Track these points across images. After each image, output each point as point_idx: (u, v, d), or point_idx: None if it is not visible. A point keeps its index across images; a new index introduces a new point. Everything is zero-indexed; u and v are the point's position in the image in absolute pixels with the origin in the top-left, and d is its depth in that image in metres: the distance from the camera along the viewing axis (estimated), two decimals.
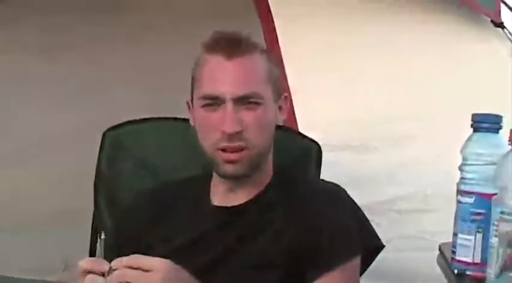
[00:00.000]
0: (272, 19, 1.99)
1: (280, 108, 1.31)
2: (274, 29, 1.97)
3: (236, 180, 1.28)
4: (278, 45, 1.98)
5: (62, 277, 1.99)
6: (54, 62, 2.13)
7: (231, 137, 1.22)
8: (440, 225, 1.63)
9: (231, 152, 1.23)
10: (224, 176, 1.28)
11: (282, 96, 1.31)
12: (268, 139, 1.27)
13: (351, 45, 2.05)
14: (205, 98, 1.25)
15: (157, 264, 1.05)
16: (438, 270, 1.39)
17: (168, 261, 1.06)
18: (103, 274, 1.04)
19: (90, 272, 1.05)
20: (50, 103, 2.13)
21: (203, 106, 1.25)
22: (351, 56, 2.05)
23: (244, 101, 1.23)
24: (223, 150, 1.23)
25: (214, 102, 1.24)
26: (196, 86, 1.28)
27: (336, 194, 1.29)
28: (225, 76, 1.23)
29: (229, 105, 1.22)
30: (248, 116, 1.23)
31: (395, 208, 2.01)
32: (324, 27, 2.05)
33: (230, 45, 1.24)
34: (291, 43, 2.00)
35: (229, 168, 1.25)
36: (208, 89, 1.24)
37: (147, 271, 1.04)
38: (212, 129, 1.24)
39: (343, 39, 2.05)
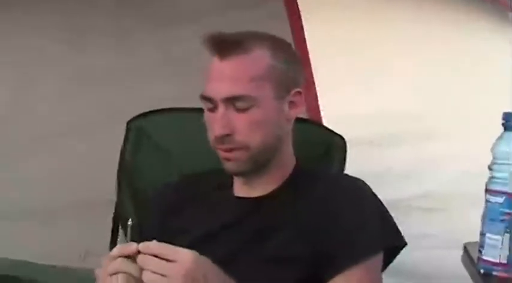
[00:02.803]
0: (298, 10, 1.97)
1: (291, 103, 1.28)
2: (301, 20, 1.95)
3: (244, 176, 1.28)
4: (304, 39, 1.96)
5: (82, 265, 1.99)
6: (76, 48, 2.12)
7: (221, 139, 1.23)
8: (463, 223, 1.61)
9: (226, 151, 1.24)
10: (228, 172, 1.28)
11: (292, 92, 1.28)
12: (267, 137, 1.25)
13: (379, 38, 2.02)
14: (201, 98, 1.26)
15: (182, 255, 1.04)
16: (461, 269, 1.38)
17: (193, 252, 1.05)
18: (131, 257, 1.04)
19: (120, 256, 1.05)
20: (71, 90, 2.12)
21: (205, 105, 1.26)
22: (378, 49, 2.02)
23: (234, 102, 1.22)
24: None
25: (210, 102, 1.24)
26: None
27: (360, 189, 1.27)
28: (216, 77, 1.23)
29: (220, 108, 1.22)
30: (238, 119, 1.22)
31: (417, 206, 1.98)
32: (352, 19, 2.02)
33: (223, 45, 1.23)
34: (318, 35, 1.99)
35: (228, 166, 1.26)
36: (204, 90, 1.25)
37: (171, 261, 1.03)
38: (210, 129, 1.26)
39: (371, 32, 2.02)
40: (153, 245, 1.05)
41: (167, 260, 1.03)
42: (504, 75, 2.04)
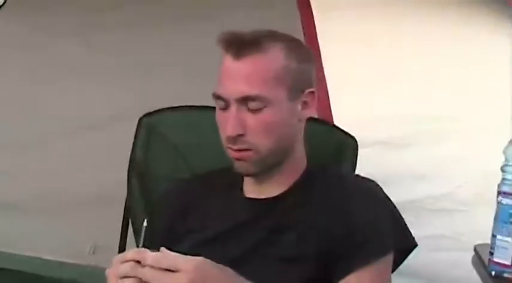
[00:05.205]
0: (311, 10, 1.97)
1: (305, 103, 1.27)
2: (313, 20, 1.95)
3: (254, 177, 1.28)
4: (316, 38, 1.96)
5: (89, 261, 2.00)
6: (92, 47, 2.14)
7: (233, 139, 1.22)
8: (473, 225, 1.61)
9: (236, 151, 1.23)
10: (238, 173, 1.27)
11: (306, 92, 1.27)
12: (278, 139, 1.24)
13: (390, 40, 2.02)
14: (214, 96, 1.25)
15: (183, 264, 1.02)
16: (472, 270, 1.37)
17: (195, 260, 1.03)
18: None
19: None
20: (88, 88, 2.14)
21: (217, 104, 1.25)
22: (389, 50, 2.02)
23: (247, 102, 1.21)
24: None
25: (223, 101, 1.23)
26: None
27: (371, 190, 1.27)
28: (230, 77, 1.22)
29: (233, 107, 1.21)
30: (251, 119, 1.21)
31: (428, 207, 1.98)
32: (364, 19, 2.02)
33: (238, 45, 1.22)
34: (330, 34, 1.99)
35: (238, 166, 1.25)
36: (217, 89, 1.24)
37: (174, 271, 1.01)
38: (222, 128, 1.25)
39: (382, 33, 2.02)
40: (152, 259, 1.03)
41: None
42: None
